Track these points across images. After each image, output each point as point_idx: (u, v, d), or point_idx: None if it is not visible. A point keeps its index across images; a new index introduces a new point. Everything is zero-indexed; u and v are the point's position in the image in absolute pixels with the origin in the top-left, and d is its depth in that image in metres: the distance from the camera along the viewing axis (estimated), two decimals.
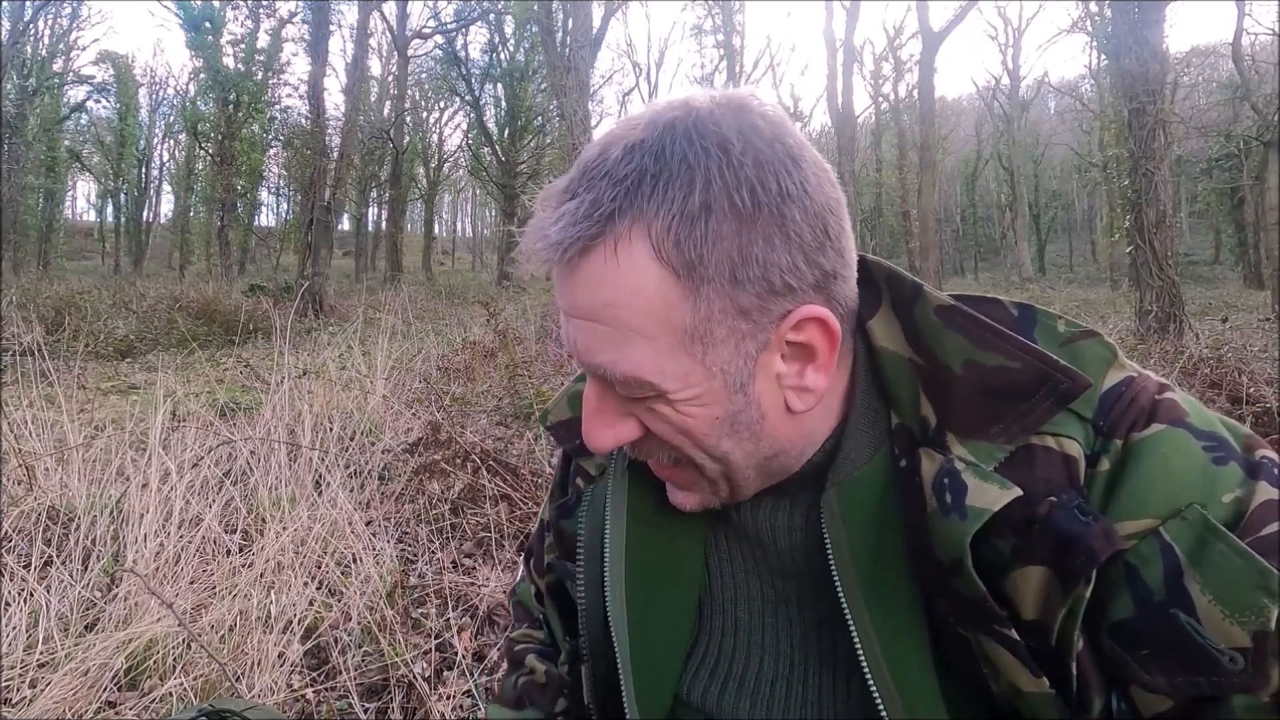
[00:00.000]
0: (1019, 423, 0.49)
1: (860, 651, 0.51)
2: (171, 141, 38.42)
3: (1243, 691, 0.42)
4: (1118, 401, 0.49)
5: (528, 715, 0.75)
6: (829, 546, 0.53)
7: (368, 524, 2.60)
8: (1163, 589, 0.43)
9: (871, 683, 0.50)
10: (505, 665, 0.84)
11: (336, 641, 1.93)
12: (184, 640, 1.78)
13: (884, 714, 0.50)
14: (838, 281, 0.51)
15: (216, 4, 22.16)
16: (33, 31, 26.31)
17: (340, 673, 1.80)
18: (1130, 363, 0.52)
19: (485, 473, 2.95)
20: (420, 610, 2.16)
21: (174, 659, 1.75)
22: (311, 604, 2.05)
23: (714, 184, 0.46)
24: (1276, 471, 0.46)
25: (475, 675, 1.85)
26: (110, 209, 37.84)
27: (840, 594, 0.52)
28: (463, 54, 28.41)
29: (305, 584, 2.10)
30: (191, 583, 2.10)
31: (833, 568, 0.53)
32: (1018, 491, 0.47)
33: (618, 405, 0.53)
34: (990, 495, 0.47)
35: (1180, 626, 0.43)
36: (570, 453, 0.71)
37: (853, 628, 0.51)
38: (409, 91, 30.16)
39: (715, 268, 0.46)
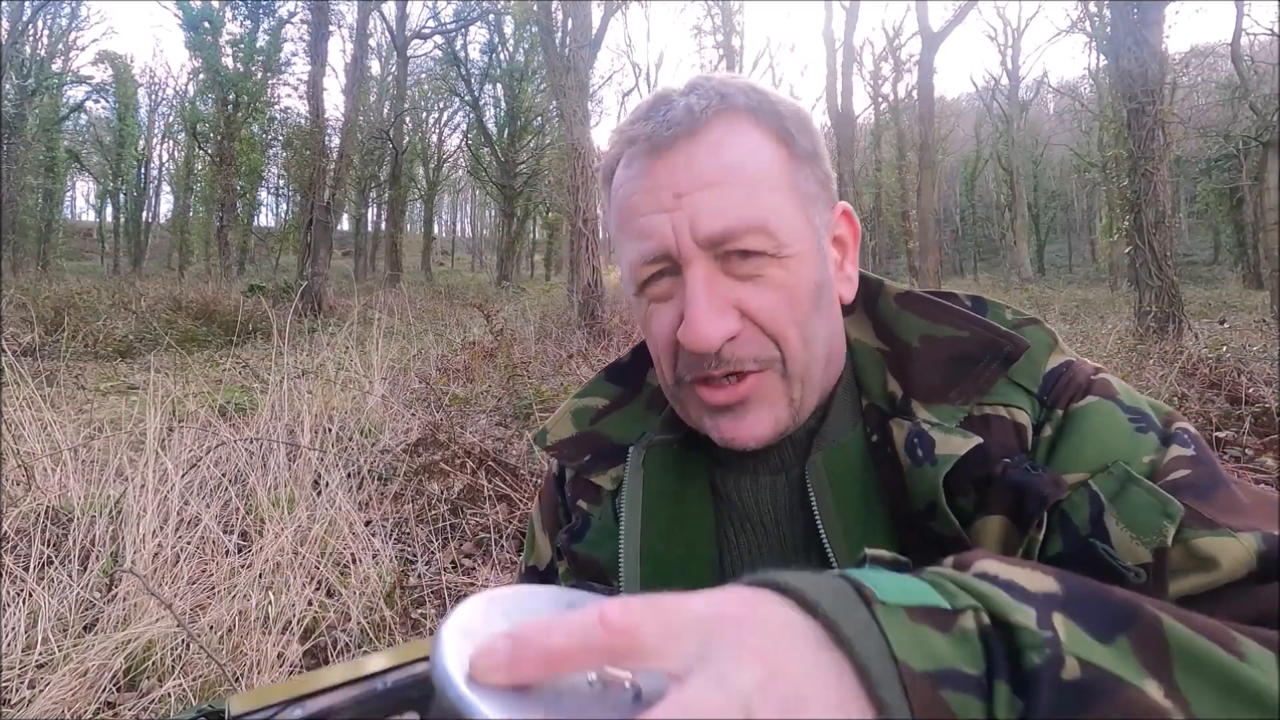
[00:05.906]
0: (973, 384, 0.57)
1: None
2: (171, 142, 38.49)
3: None
4: (1059, 380, 0.57)
5: None
6: (815, 509, 0.58)
7: (367, 524, 2.59)
8: (1087, 525, 0.50)
9: None
10: None
11: (335, 642, 1.93)
12: (183, 641, 1.78)
13: None
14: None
15: (216, 4, 22.18)
16: (31, 31, 26.34)
17: None
18: (1068, 348, 0.60)
19: (484, 473, 2.94)
20: (419, 611, 2.16)
21: (173, 659, 1.75)
22: (310, 604, 2.05)
23: (779, 105, 0.59)
24: (1187, 437, 0.53)
25: None
26: (109, 209, 37.88)
27: (830, 555, 0.57)
28: (462, 54, 28.43)
29: (304, 584, 2.09)
30: (190, 583, 2.09)
31: (821, 530, 0.57)
32: (978, 439, 0.54)
33: (726, 289, 0.56)
34: (955, 444, 0.54)
35: (1098, 554, 0.49)
36: (579, 470, 0.70)
37: None
38: (408, 92, 30.15)
39: (803, 148, 0.59)
